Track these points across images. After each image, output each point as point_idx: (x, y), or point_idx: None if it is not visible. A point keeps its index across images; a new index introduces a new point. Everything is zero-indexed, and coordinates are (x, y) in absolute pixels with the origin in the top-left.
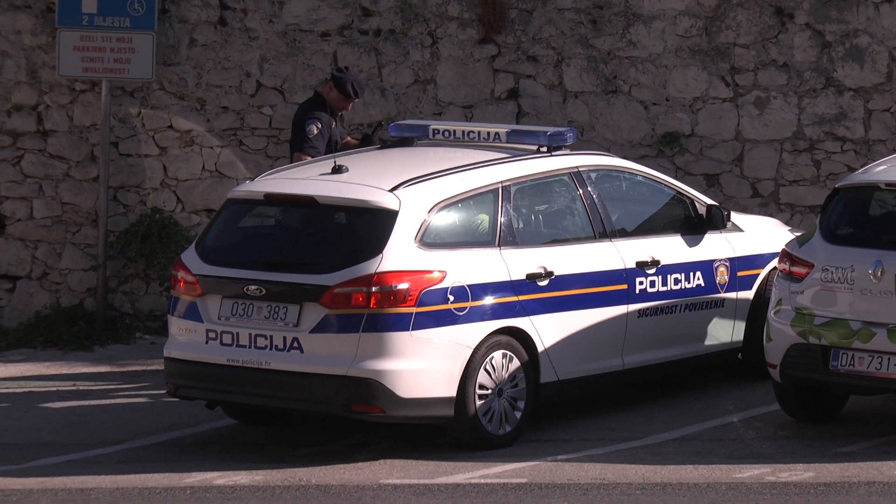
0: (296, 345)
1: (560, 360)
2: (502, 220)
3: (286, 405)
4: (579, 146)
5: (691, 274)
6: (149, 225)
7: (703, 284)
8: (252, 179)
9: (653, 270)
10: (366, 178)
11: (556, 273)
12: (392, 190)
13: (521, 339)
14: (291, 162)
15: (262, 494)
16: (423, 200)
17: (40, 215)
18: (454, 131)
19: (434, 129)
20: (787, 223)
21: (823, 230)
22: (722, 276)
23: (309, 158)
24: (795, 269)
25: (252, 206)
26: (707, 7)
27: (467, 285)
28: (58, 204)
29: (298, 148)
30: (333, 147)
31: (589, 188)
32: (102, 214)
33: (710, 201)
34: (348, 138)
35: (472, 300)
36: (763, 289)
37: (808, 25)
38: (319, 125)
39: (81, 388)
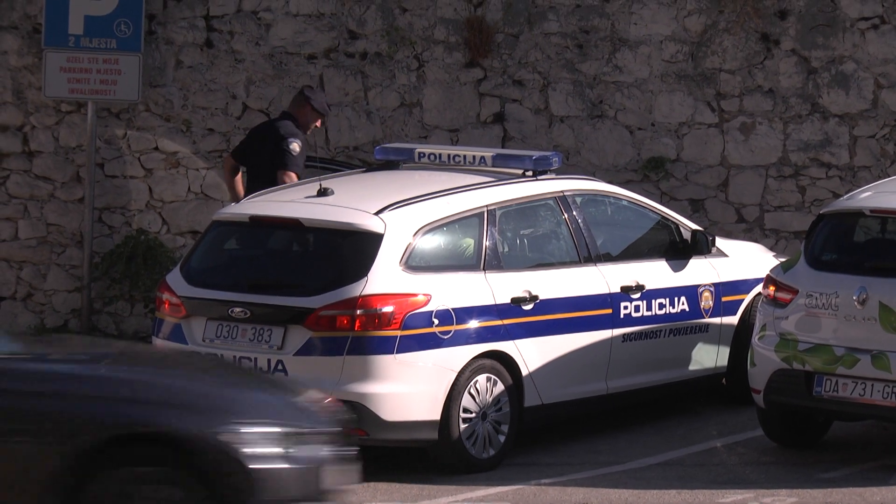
0: (280, 367)
1: (544, 384)
2: (487, 243)
3: None
4: (565, 171)
5: (676, 299)
6: (134, 246)
7: (687, 309)
8: (237, 202)
9: (637, 295)
10: (351, 201)
11: (541, 297)
12: (377, 213)
13: (506, 363)
14: (277, 182)
15: None
16: (409, 224)
17: (25, 236)
18: (440, 155)
19: (420, 153)
20: (771, 249)
21: (808, 256)
22: (706, 301)
23: (295, 177)
24: (780, 294)
25: (237, 228)
26: (693, 33)
27: (452, 309)
28: (43, 225)
29: (283, 166)
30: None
31: (574, 213)
32: (87, 235)
33: (695, 226)
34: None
35: (457, 324)
36: (747, 314)
37: (794, 51)
38: (300, 143)
39: None
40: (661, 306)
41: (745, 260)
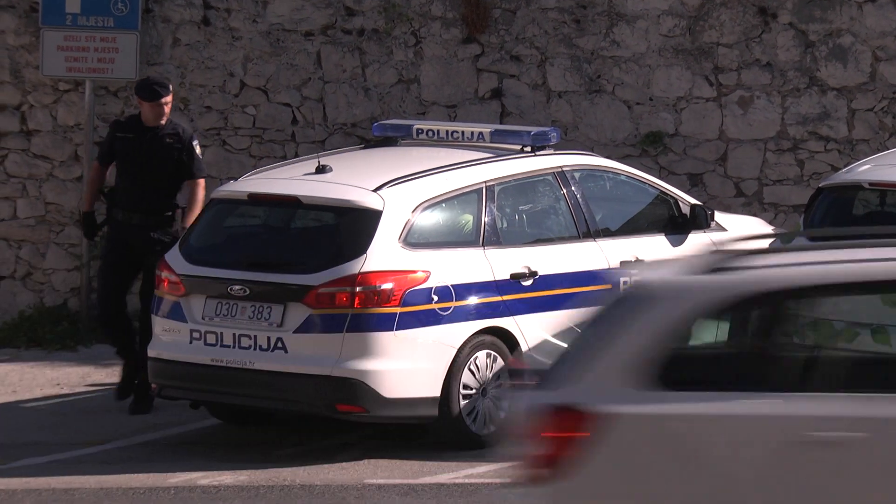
0: (280, 345)
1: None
2: (486, 219)
3: (270, 405)
4: (563, 146)
5: None
6: None
7: None
8: (236, 179)
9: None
10: (349, 178)
11: (540, 273)
12: (376, 190)
13: (506, 339)
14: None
15: (246, 494)
16: (407, 200)
17: (24, 215)
18: (438, 131)
19: (418, 129)
20: (770, 223)
21: (807, 229)
22: None
23: (95, 164)
24: None
25: (236, 205)
26: (690, 7)
27: (451, 285)
28: (41, 204)
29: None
30: (143, 163)
31: (573, 188)
32: None
33: (693, 201)
34: (193, 185)
35: (456, 300)
36: None
37: (792, 25)
38: (107, 132)
39: (65, 388)
40: None
41: (744, 234)
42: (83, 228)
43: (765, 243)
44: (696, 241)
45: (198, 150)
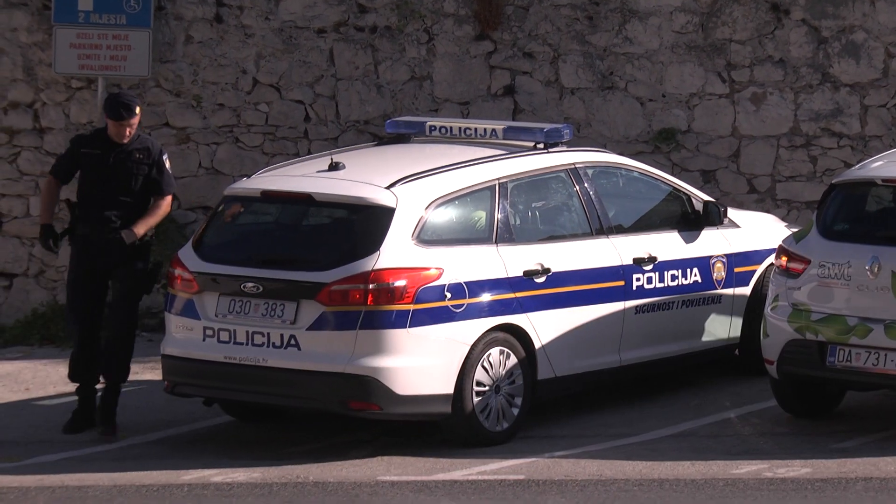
0: (293, 342)
1: (557, 357)
2: (499, 216)
3: (283, 402)
4: (576, 143)
5: (688, 270)
6: None
7: (699, 281)
8: (248, 176)
9: (650, 267)
10: (363, 175)
11: (553, 270)
12: (389, 187)
13: (519, 336)
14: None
15: (259, 491)
16: (420, 197)
17: (37, 213)
18: (451, 128)
19: (431, 126)
20: (783, 219)
21: (820, 226)
22: (719, 272)
23: (50, 178)
24: (792, 265)
25: (249, 203)
26: (703, 3)
27: (464, 282)
28: None
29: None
30: (96, 180)
31: (585, 185)
32: None
33: (706, 197)
34: (158, 202)
35: (470, 297)
36: (760, 285)
37: (804, 21)
38: (68, 146)
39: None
40: (674, 278)
41: (757, 230)
42: (42, 241)
43: (775, 238)
44: (709, 238)
45: (167, 165)
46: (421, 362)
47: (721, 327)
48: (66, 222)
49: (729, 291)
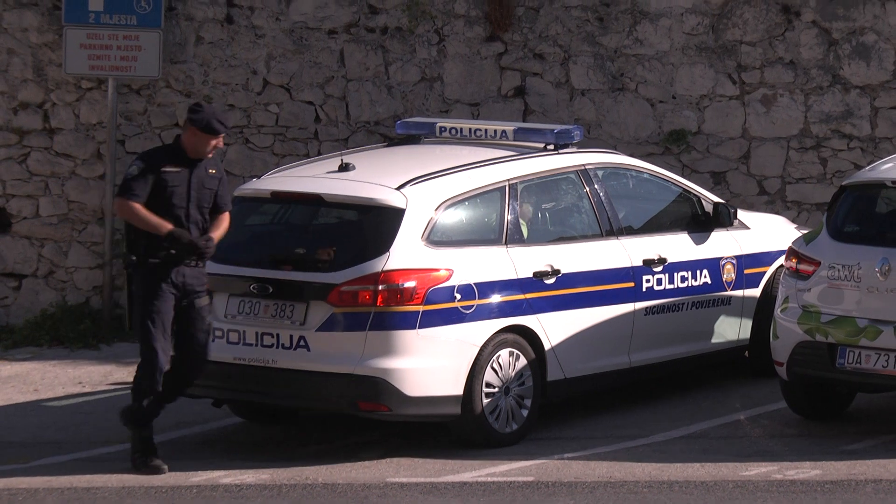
0: (302, 343)
1: (567, 358)
2: (509, 218)
3: (293, 403)
4: (586, 144)
5: (698, 272)
6: None
7: (709, 282)
8: (259, 177)
9: (660, 268)
10: (372, 176)
11: (563, 271)
12: (399, 188)
13: (528, 338)
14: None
15: (268, 493)
16: (430, 198)
17: (46, 213)
18: (461, 129)
19: (441, 127)
20: (793, 221)
21: (830, 228)
22: (729, 273)
23: (130, 203)
24: (802, 266)
25: (259, 203)
26: (714, 5)
27: (474, 283)
28: (64, 202)
29: (118, 192)
30: (185, 198)
31: (596, 186)
32: (108, 212)
33: (716, 199)
34: (223, 217)
35: (479, 298)
36: (770, 286)
37: (815, 23)
38: (140, 165)
39: (87, 386)
40: (684, 279)
41: (767, 232)
42: (183, 241)
43: (784, 240)
44: (719, 239)
45: None
46: (430, 363)
47: (731, 329)
48: (76, 223)
49: (739, 293)
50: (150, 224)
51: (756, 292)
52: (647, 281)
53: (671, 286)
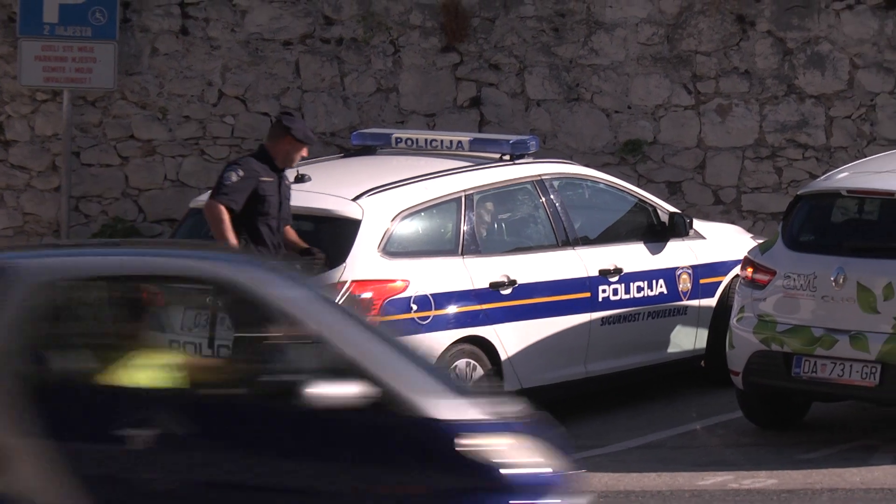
0: None
1: (523, 369)
2: (465, 228)
3: None
4: (542, 154)
5: (654, 282)
6: (111, 235)
7: (665, 292)
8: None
9: (615, 278)
10: (329, 188)
11: (519, 281)
12: (355, 199)
13: (485, 348)
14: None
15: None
16: (387, 209)
17: (1, 226)
18: (417, 140)
19: (397, 138)
20: (749, 230)
21: (785, 237)
22: (684, 283)
23: (222, 207)
24: (758, 276)
25: None
26: (669, 15)
27: (430, 294)
28: (19, 214)
29: (212, 194)
30: (277, 208)
31: (552, 196)
32: (64, 225)
33: (672, 209)
34: (289, 230)
35: (436, 309)
36: (726, 296)
37: (770, 33)
38: (241, 173)
39: None
40: (640, 289)
41: (722, 242)
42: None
43: (740, 249)
44: (675, 249)
45: None
46: None
47: (687, 338)
48: (31, 235)
49: (695, 303)
50: (226, 236)
51: (712, 302)
52: (604, 291)
53: (627, 296)
